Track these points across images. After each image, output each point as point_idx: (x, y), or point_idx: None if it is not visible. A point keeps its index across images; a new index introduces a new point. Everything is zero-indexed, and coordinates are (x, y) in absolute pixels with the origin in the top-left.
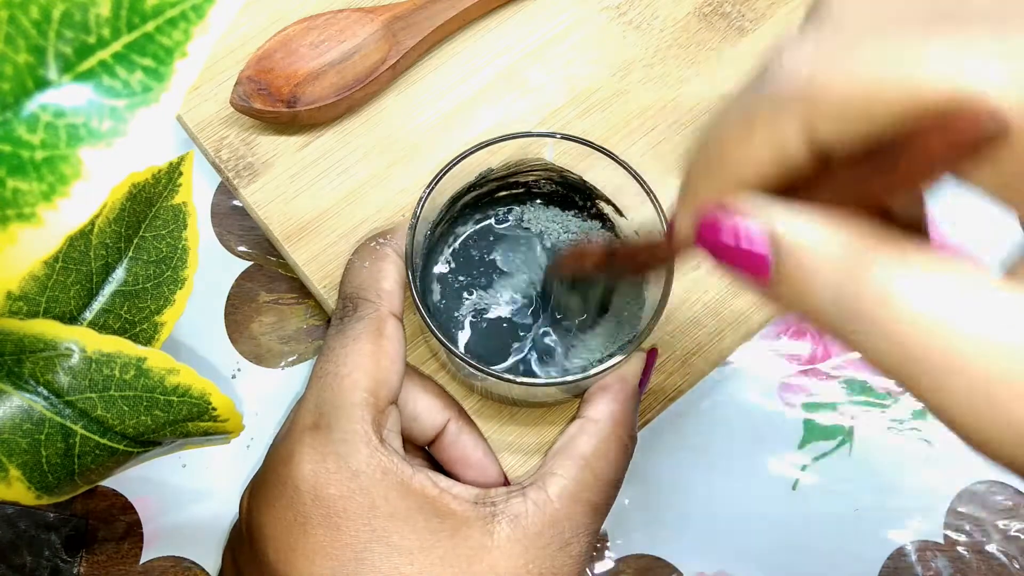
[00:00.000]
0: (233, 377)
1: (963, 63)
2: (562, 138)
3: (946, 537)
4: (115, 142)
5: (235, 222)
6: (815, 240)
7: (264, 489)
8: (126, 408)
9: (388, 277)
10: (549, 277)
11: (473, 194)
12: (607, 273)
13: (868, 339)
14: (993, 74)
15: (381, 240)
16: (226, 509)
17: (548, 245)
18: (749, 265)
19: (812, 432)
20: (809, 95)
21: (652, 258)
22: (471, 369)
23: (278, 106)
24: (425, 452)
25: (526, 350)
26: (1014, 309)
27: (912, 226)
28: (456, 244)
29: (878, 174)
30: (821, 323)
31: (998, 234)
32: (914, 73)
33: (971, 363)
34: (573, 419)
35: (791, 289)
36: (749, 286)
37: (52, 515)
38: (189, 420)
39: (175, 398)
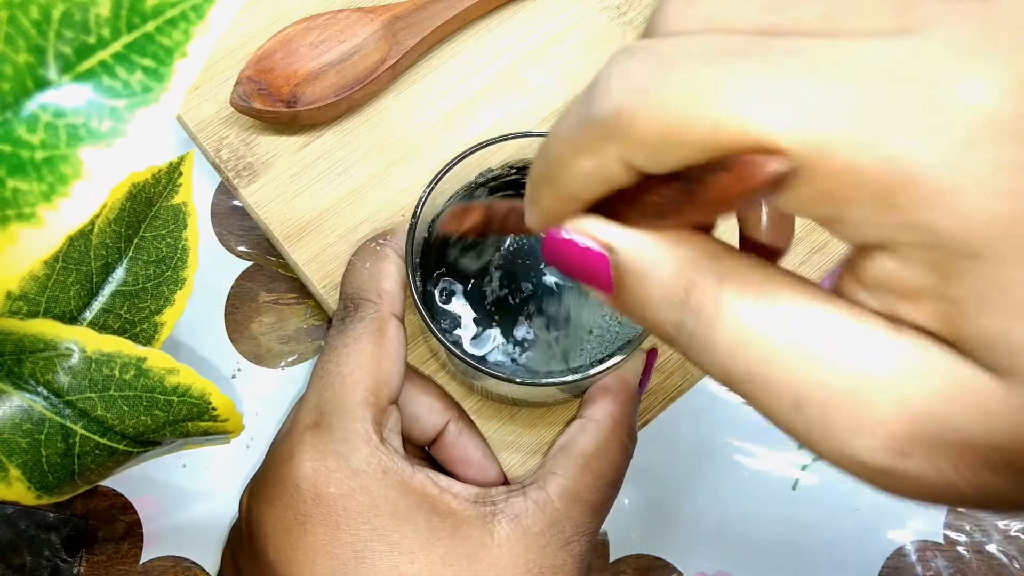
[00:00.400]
0: (233, 377)
1: (751, 102)
2: None
3: (946, 537)
4: (115, 142)
5: (235, 222)
6: (650, 256)
7: (264, 488)
8: (126, 408)
9: (389, 278)
10: (441, 232)
11: (473, 193)
12: (487, 231)
13: (693, 352)
14: (777, 114)
15: (381, 241)
16: (226, 509)
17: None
18: (593, 279)
19: None
20: (620, 126)
21: (519, 227)
22: (471, 369)
23: (278, 106)
24: (425, 452)
25: (527, 350)
26: (822, 327)
27: (768, 247)
28: (456, 244)
29: (685, 199)
30: (661, 334)
31: None
32: (709, 112)
33: (785, 379)
34: (573, 419)
35: (631, 301)
36: (599, 297)
37: (52, 515)
38: (189, 420)
39: (175, 398)
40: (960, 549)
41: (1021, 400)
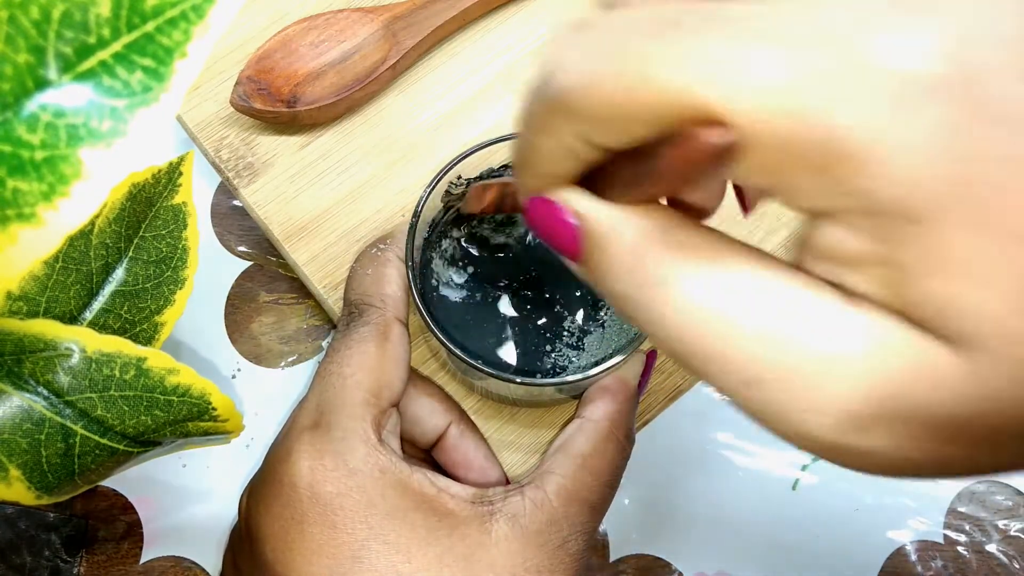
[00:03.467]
0: (233, 377)
1: (690, 75)
2: None
3: (946, 537)
4: (115, 142)
5: (235, 222)
6: (611, 226)
7: (262, 488)
8: (126, 408)
9: (391, 282)
10: (463, 215)
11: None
12: (503, 208)
13: (645, 327)
14: (720, 84)
15: (382, 246)
16: (226, 509)
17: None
18: (564, 247)
19: None
20: (571, 104)
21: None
22: (471, 369)
23: (278, 106)
24: (427, 455)
25: (526, 350)
26: (775, 300)
27: (696, 207)
28: (456, 244)
29: (644, 173)
30: (618, 304)
31: None
32: (650, 87)
33: (738, 355)
34: (571, 419)
35: (595, 270)
36: (570, 264)
37: (52, 515)
38: (189, 420)
39: (175, 398)
40: (960, 549)
41: (974, 369)
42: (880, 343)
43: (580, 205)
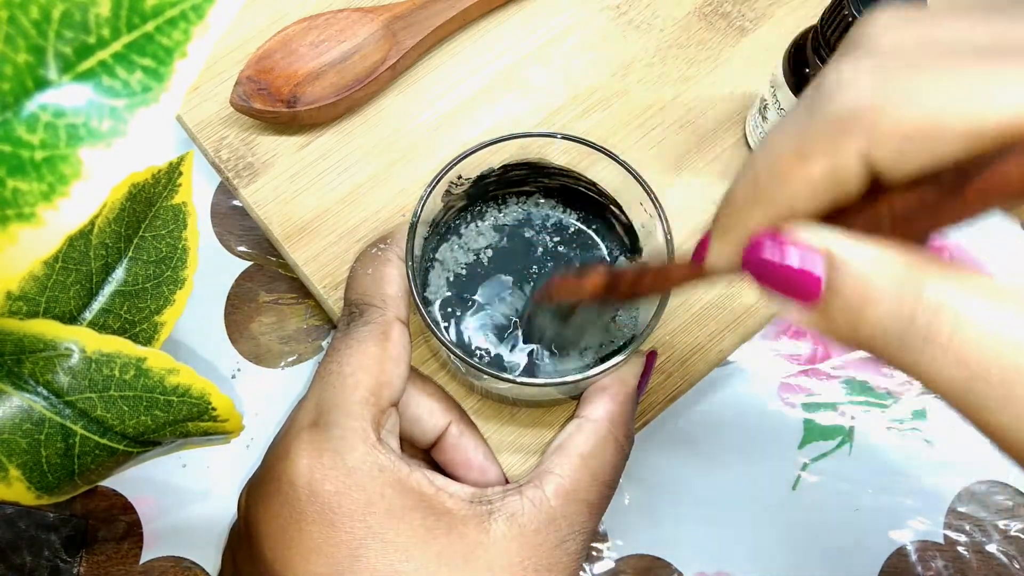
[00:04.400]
0: (233, 377)
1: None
2: (562, 138)
3: (946, 537)
4: (115, 142)
5: (235, 222)
6: (874, 262)
7: (261, 486)
8: (126, 408)
9: (392, 283)
10: (536, 306)
11: (473, 191)
12: (604, 301)
13: (924, 359)
14: None
15: (382, 246)
16: (226, 509)
17: (549, 244)
18: (800, 288)
19: (812, 432)
20: (873, 122)
21: (662, 283)
22: (471, 369)
23: (278, 106)
24: (426, 455)
25: (526, 350)
26: None
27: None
28: (457, 243)
29: (941, 200)
30: (873, 347)
31: (1001, 241)
32: (984, 104)
33: None
34: (571, 418)
35: (846, 313)
36: (793, 312)
37: (52, 515)
38: (189, 420)
39: (175, 398)
40: (960, 549)
41: None
42: None
43: (830, 240)
